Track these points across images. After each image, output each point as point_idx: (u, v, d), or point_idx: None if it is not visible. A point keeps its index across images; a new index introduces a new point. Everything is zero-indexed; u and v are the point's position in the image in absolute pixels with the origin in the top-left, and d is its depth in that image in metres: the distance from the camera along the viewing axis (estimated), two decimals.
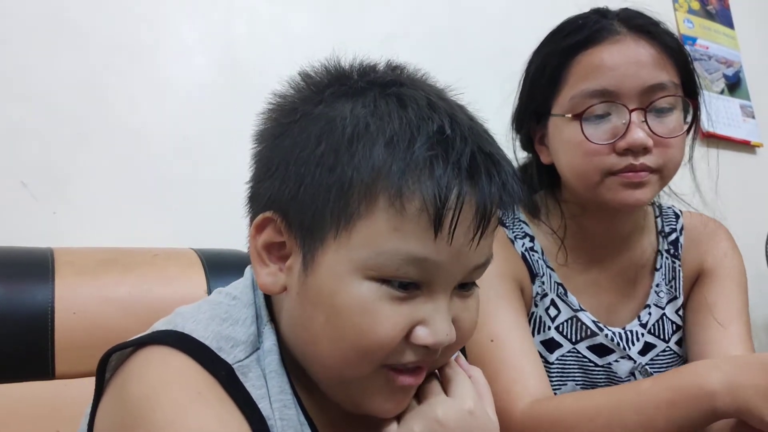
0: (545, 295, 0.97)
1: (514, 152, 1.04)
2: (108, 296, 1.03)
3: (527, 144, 1.02)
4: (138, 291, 1.05)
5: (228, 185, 1.24)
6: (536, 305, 0.97)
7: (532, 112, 0.98)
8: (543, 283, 0.98)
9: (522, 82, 1.00)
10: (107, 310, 1.01)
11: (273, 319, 0.62)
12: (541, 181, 1.01)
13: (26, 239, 1.08)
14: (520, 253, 0.98)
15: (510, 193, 0.57)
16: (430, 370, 0.61)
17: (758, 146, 2.61)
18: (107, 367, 0.58)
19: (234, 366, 0.57)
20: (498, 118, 1.03)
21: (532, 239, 1.00)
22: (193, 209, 1.31)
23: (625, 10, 0.94)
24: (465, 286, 0.60)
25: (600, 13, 0.94)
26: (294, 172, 0.56)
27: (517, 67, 1.03)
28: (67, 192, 1.22)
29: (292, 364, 0.61)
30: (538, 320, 0.97)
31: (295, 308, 0.59)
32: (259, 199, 0.60)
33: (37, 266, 1.03)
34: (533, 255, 0.99)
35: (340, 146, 0.55)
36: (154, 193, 1.29)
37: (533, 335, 0.96)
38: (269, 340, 0.60)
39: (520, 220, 1.01)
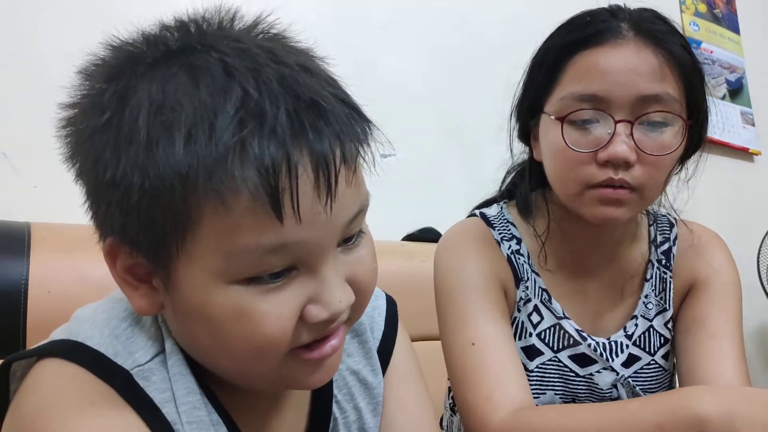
0: (528, 300, 0.95)
1: (510, 144, 1.01)
2: (84, 275, 1.01)
3: (524, 136, 0.99)
4: None
5: None
6: (519, 310, 0.95)
7: (528, 106, 0.94)
8: (527, 288, 0.95)
9: (525, 72, 0.96)
10: (83, 290, 0.99)
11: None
12: (532, 178, 0.98)
13: (4, 213, 1.05)
14: (506, 255, 0.96)
15: (351, 136, 0.50)
16: (350, 325, 0.58)
17: (756, 154, 2.59)
18: (12, 378, 0.56)
19: (133, 371, 0.54)
20: (499, 108, 1.00)
21: (519, 242, 0.97)
22: None
23: (640, 12, 0.89)
24: (349, 240, 0.54)
25: (611, 12, 0.89)
26: (107, 194, 0.49)
27: (519, 58, 0.98)
28: (49, 166, 1.18)
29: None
30: (520, 326, 0.95)
31: (177, 324, 0.55)
32: (98, 223, 0.53)
33: (12, 241, 1.00)
34: (519, 258, 0.96)
35: (139, 156, 0.46)
36: None
37: (514, 341, 0.93)
38: (169, 341, 0.57)
39: (509, 222, 0.99)
